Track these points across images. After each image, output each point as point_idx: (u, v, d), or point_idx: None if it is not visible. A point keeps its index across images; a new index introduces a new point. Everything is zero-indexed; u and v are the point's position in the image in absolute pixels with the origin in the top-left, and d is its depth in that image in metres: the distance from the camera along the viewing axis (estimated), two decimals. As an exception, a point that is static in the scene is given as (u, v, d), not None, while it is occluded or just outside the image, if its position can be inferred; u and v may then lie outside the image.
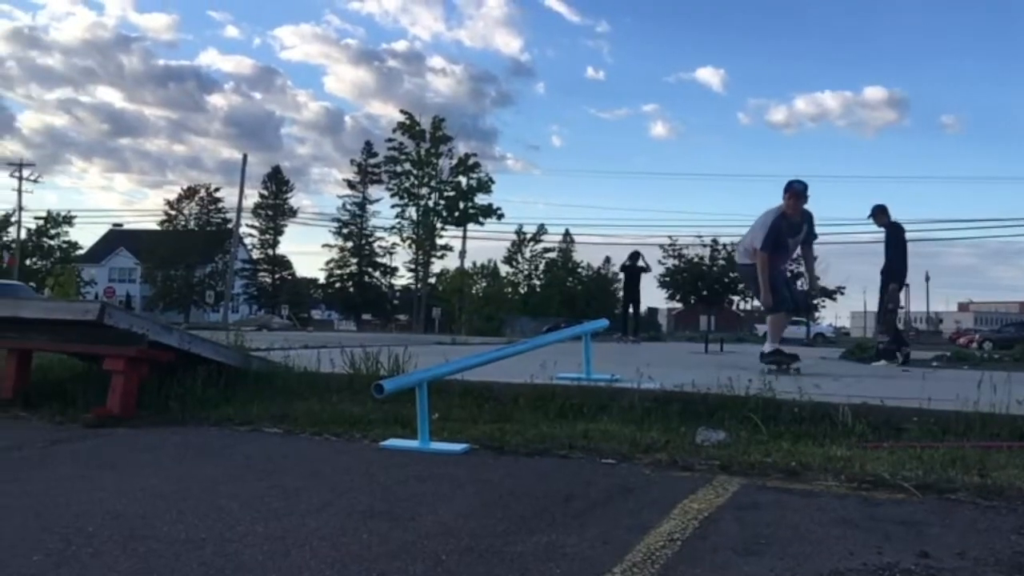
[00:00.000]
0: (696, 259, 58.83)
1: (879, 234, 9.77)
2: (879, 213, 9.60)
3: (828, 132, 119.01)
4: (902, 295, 10.29)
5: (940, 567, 2.18)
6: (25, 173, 53.94)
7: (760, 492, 2.99)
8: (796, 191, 6.80)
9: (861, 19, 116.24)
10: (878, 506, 2.83)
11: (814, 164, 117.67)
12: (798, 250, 7.32)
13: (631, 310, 16.54)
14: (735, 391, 4.41)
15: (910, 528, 2.56)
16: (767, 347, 7.27)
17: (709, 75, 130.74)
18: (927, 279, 75.46)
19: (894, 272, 9.50)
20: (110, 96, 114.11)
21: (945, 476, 3.14)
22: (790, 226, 6.82)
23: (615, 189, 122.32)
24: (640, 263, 16.54)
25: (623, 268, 17.14)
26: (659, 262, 61.61)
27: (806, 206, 6.92)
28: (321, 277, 70.08)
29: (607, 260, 74.85)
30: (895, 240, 9.55)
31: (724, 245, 61.16)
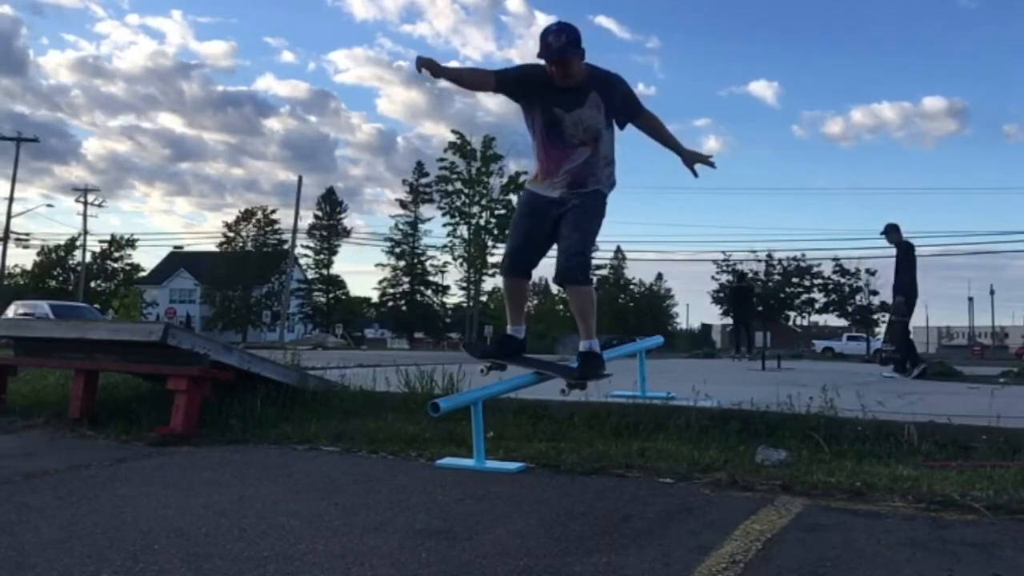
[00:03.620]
0: (750, 274, 58.02)
1: (937, 247, 10.05)
2: (892, 231, 10.09)
3: (886, 144, 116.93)
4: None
5: (1016, 592, 2.10)
6: (90, 198, 55.55)
7: (824, 513, 2.93)
8: (543, 45, 3.83)
9: (918, 28, 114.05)
10: (947, 527, 2.74)
11: (872, 176, 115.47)
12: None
13: (744, 329, 16.82)
14: (795, 409, 4.33)
15: (981, 550, 2.48)
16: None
17: (762, 88, 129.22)
18: (991, 292, 73.39)
19: (904, 288, 9.86)
20: (171, 122, 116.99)
21: (1017, 496, 3.03)
22: (556, 94, 3.96)
23: (667, 205, 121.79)
24: (746, 283, 16.90)
25: (731, 289, 17.65)
26: (712, 278, 61.06)
27: (592, 63, 4.03)
28: (374, 296, 70.87)
29: (659, 276, 74.39)
30: (906, 257, 9.93)
31: (779, 260, 60.34)
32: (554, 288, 72.54)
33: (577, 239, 4.03)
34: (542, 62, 3.90)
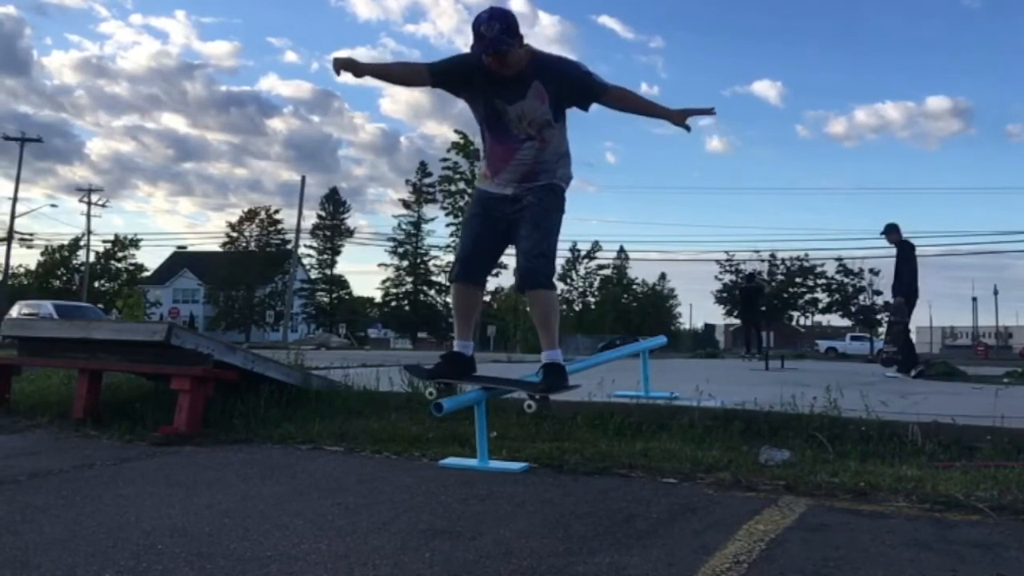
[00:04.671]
0: (751, 272, 58.03)
1: (941, 247, 10.03)
2: (891, 231, 10.11)
3: (890, 143, 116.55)
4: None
5: (1021, 593, 2.10)
6: (94, 198, 55.78)
7: (828, 513, 2.92)
8: (475, 36, 3.53)
9: (922, 28, 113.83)
10: (952, 528, 2.74)
11: (875, 176, 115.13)
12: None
13: (753, 330, 16.84)
14: (799, 409, 4.32)
15: (986, 551, 2.47)
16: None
17: (766, 88, 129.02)
18: (995, 292, 73.26)
19: (904, 288, 9.90)
20: (174, 122, 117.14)
21: (1021, 497, 3.03)
22: (497, 86, 3.66)
23: (670, 205, 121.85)
24: (756, 283, 16.90)
25: (741, 289, 17.65)
26: (716, 278, 61.07)
27: (537, 49, 3.70)
28: (377, 296, 70.99)
29: (662, 276, 74.39)
30: (906, 257, 9.96)
31: (783, 260, 60.34)
32: (557, 287, 72.65)
33: (539, 239, 3.72)
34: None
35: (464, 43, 3.63)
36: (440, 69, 3.77)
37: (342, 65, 3.63)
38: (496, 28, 3.47)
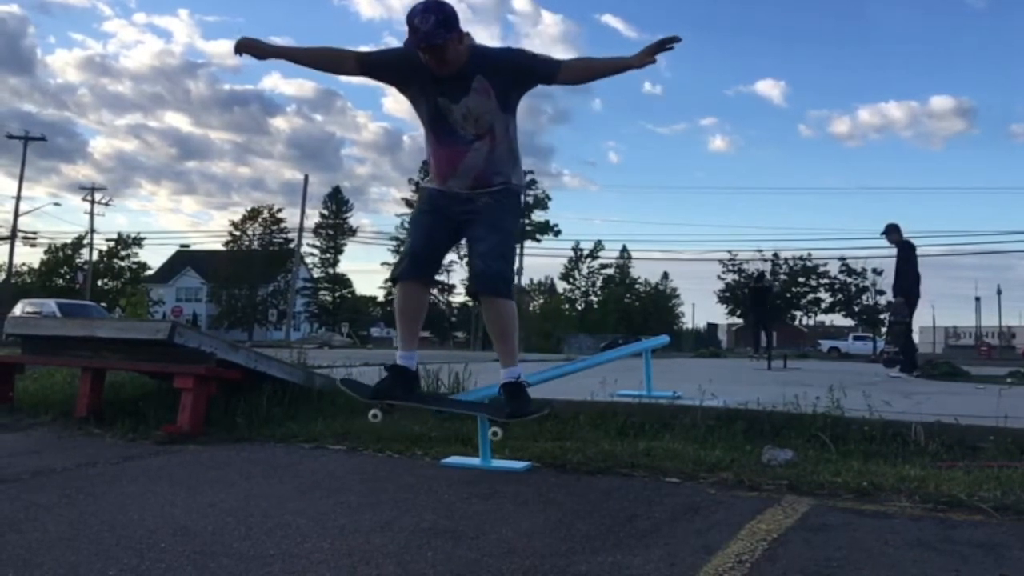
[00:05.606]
0: (755, 272, 57.98)
1: (944, 247, 10.07)
2: (892, 231, 10.14)
3: (893, 143, 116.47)
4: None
5: (1024, 593, 2.10)
6: (97, 197, 55.84)
7: (830, 513, 2.92)
8: (410, 29, 3.26)
9: (925, 28, 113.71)
10: (954, 528, 2.73)
11: (879, 176, 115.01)
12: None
13: (762, 330, 16.85)
14: (801, 409, 4.32)
15: (988, 551, 2.47)
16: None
17: (769, 87, 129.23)
18: (999, 292, 73.13)
19: (904, 288, 9.94)
20: (177, 121, 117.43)
21: (1025, 497, 3.02)
22: (439, 83, 3.41)
23: (673, 204, 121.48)
24: (765, 283, 16.93)
25: (750, 289, 17.67)
26: (718, 277, 61.08)
27: (477, 43, 3.45)
28: (380, 295, 71.04)
29: (665, 276, 74.38)
30: (906, 258, 9.98)
31: (786, 260, 60.29)
32: (559, 286, 72.66)
33: (497, 242, 3.40)
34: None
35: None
36: (372, 59, 3.53)
37: (244, 47, 3.41)
38: (431, 20, 3.21)
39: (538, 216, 57.14)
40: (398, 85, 3.58)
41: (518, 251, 58.10)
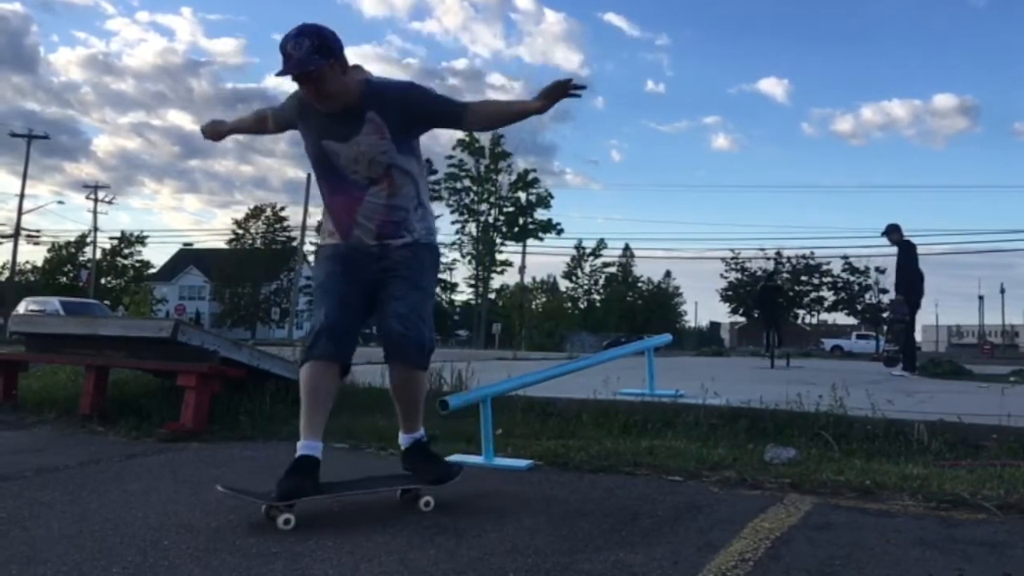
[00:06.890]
0: (759, 272, 57.97)
1: (947, 245, 10.12)
2: (892, 231, 10.17)
3: (896, 141, 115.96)
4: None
5: (1027, 592, 2.09)
6: (100, 195, 55.78)
7: (833, 512, 2.92)
8: (283, 57, 2.86)
9: (928, 26, 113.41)
10: (958, 527, 2.73)
11: (882, 174, 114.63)
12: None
13: (772, 329, 16.91)
14: (804, 407, 4.32)
15: (992, 549, 2.47)
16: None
17: (772, 86, 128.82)
18: (1002, 291, 73.06)
19: (904, 289, 9.98)
20: (180, 119, 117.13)
21: (1029, 496, 3.02)
22: (327, 122, 2.98)
23: (676, 203, 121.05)
24: (774, 283, 17.00)
25: (759, 289, 17.76)
26: (721, 276, 61.10)
27: (372, 75, 3.08)
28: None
29: (667, 274, 74.35)
30: (907, 257, 10.02)
31: (788, 258, 60.27)
32: (562, 285, 72.71)
33: (416, 302, 3.00)
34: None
35: (469, 40, 3.51)
36: (278, 112, 3.23)
37: (207, 133, 3.39)
38: (305, 46, 2.81)
39: (540, 215, 57.22)
40: (301, 131, 3.14)
41: (520, 251, 58.06)
